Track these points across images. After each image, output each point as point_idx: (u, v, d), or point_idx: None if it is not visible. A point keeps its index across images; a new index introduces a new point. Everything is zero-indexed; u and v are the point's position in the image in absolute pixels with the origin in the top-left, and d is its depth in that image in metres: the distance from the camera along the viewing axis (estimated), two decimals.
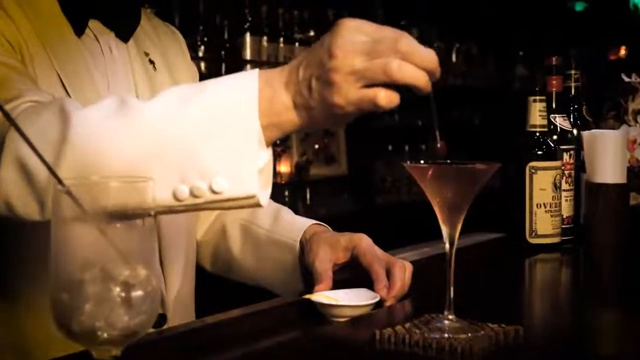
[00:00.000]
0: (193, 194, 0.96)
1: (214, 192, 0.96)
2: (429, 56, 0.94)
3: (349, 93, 0.94)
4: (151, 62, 1.42)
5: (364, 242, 1.32)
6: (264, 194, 0.99)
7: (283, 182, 3.64)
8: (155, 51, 1.44)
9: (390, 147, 4.09)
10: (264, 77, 0.97)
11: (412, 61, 0.93)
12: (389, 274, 1.28)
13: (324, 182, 3.84)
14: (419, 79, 0.94)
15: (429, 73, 0.94)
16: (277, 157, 3.63)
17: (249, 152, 0.95)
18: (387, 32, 0.95)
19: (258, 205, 0.98)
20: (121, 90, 1.35)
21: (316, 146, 3.86)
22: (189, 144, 0.96)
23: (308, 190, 3.75)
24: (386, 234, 3.31)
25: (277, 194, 3.68)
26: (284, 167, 3.68)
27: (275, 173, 3.62)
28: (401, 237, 2.65)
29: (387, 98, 0.94)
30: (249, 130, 0.95)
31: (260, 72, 0.98)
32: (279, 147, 3.66)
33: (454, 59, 4.48)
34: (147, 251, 0.82)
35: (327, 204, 3.73)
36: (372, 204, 3.91)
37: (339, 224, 1.42)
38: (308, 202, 3.71)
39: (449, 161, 1.01)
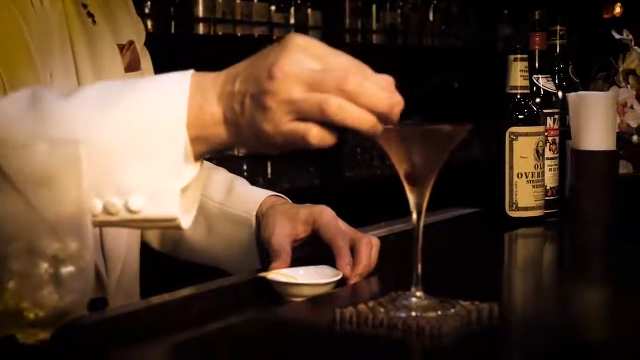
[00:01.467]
0: (107, 211, 0.94)
1: (130, 211, 0.94)
2: (378, 98, 0.92)
3: (280, 123, 0.92)
4: (90, 15, 1.40)
5: (325, 215, 1.32)
6: (187, 217, 0.97)
7: (241, 154, 3.64)
8: (95, 3, 1.42)
9: None
10: (196, 82, 0.95)
11: (358, 103, 0.92)
12: (354, 250, 1.28)
13: (287, 154, 3.82)
14: (362, 123, 0.92)
15: (380, 116, 0.93)
16: None
17: (173, 169, 0.94)
18: (340, 61, 0.93)
19: (179, 228, 0.97)
20: (55, 48, 1.33)
21: None
22: (106, 155, 0.93)
23: (269, 164, 3.74)
24: (357, 211, 3.32)
25: (234, 168, 3.68)
26: None
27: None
28: (373, 214, 2.66)
29: (319, 137, 0.93)
30: (175, 143, 0.93)
31: (194, 75, 0.96)
32: None
33: (431, 17, 4.48)
34: (80, 222, 0.82)
35: (291, 179, 3.73)
36: (341, 178, 3.92)
37: (304, 201, 1.43)
38: (269, 176, 3.71)
39: (415, 122, 1.01)
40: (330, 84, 0.91)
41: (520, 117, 1.72)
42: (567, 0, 4.12)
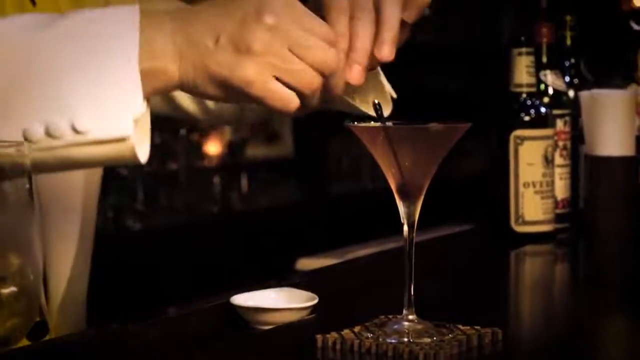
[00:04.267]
0: (49, 134, 0.96)
1: (76, 131, 0.96)
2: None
3: (263, 75, 0.97)
4: None
5: None
6: (143, 148, 0.99)
7: (213, 165, 3.63)
8: None
9: (347, 121, 4.10)
10: (147, 16, 0.99)
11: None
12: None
13: (265, 166, 3.83)
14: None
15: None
16: (204, 134, 3.62)
17: (124, 92, 0.96)
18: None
19: (134, 158, 0.98)
20: None
21: None
22: (47, 73, 0.95)
23: (245, 177, 3.74)
24: (343, 229, 3.32)
25: (205, 181, 3.66)
26: (213, 147, 3.66)
27: (202, 155, 3.61)
28: (361, 232, 2.66)
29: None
30: (125, 60, 0.96)
31: (143, 10, 0.99)
32: None
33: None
34: (23, 234, 0.81)
35: (269, 193, 3.73)
36: (325, 193, 3.92)
37: (285, 218, 1.42)
38: (244, 190, 3.70)
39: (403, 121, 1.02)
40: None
41: (526, 118, 1.72)
42: None
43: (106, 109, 0.96)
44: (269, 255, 3.17)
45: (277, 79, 0.98)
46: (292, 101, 1.00)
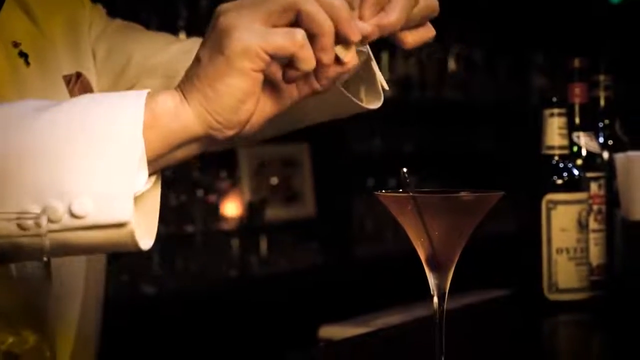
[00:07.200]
0: (47, 217, 0.95)
1: (73, 215, 0.97)
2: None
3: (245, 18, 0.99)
4: (22, 55, 1.34)
5: None
6: (148, 232, 1.00)
7: (231, 228, 3.64)
8: (30, 37, 1.37)
9: (370, 181, 4.11)
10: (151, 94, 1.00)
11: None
12: None
13: (285, 228, 3.84)
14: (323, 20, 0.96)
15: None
16: (222, 195, 3.64)
17: (123, 169, 0.97)
18: None
19: (135, 244, 0.99)
20: None
21: (274, 180, 3.86)
22: (44, 157, 0.97)
23: (264, 239, 3.74)
24: (367, 294, 3.31)
25: (223, 244, 3.66)
26: (232, 209, 3.68)
27: (220, 217, 3.62)
28: (386, 296, 2.66)
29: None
30: (125, 139, 0.97)
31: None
32: (225, 182, 3.66)
33: (452, 66, 4.52)
34: (39, 310, 0.81)
35: (289, 257, 3.73)
36: (348, 256, 3.91)
37: (306, 282, 1.42)
38: (264, 253, 3.70)
39: (433, 190, 1.02)
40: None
41: (559, 182, 1.72)
42: (611, 44, 4.16)
43: (106, 192, 0.97)
44: (289, 322, 3.16)
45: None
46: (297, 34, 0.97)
